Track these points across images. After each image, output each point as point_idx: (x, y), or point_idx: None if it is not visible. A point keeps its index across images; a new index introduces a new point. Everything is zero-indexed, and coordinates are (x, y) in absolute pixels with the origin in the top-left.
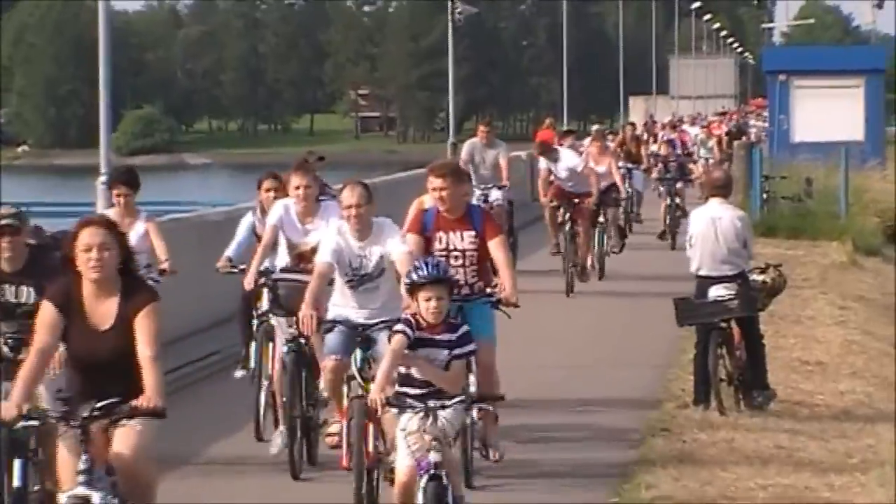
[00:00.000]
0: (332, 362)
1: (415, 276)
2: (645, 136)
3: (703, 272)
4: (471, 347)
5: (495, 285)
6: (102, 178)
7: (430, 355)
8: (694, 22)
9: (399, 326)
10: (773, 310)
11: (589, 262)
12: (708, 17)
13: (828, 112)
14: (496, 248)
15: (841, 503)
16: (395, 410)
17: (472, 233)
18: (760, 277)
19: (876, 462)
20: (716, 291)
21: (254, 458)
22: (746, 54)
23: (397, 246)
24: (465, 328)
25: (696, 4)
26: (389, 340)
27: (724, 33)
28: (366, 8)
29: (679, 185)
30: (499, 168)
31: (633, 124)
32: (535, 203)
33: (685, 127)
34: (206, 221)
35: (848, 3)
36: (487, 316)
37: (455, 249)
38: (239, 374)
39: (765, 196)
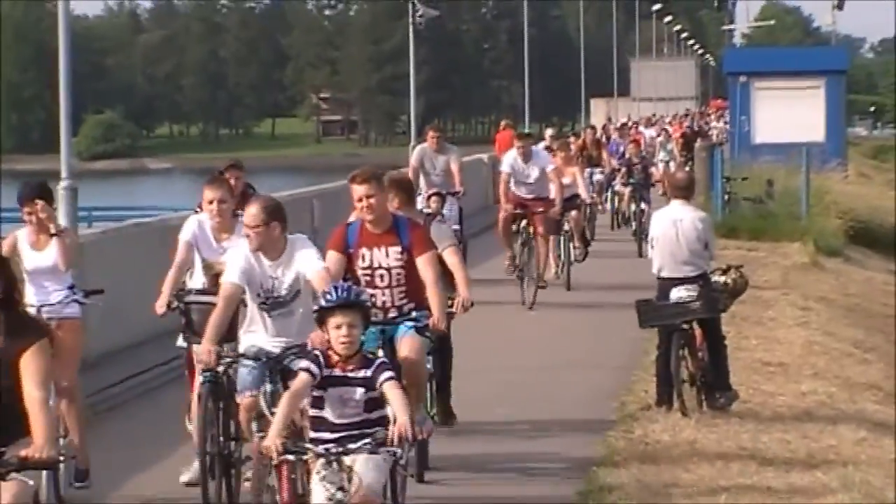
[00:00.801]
0: (248, 399)
1: (323, 301)
2: (604, 139)
3: (664, 274)
4: (391, 373)
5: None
6: (63, 184)
7: (344, 395)
8: (655, 24)
9: (303, 364)
10: (735, 311)
11: (553, 273)
12: (668, 19)
13: (789, 113)
14: (425, 266)
15: None
16: (292, 458)
17: (399, 248)
18: (722, 279)
19: (838, 462)
20: (677, 293)
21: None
22: (707, 56)
23: (312, 263)
24: (381, 359)
25: (657, 7)
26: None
27: (684, 35)
28: (326, 12)
29: (639, 192)
30: (451, 174)
31: (593, 127)
32: (493, 207)
33: (641, 129)
34: (167, 226)
35: (808, 5)
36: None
37: (380, 267)
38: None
39: (726, 197)
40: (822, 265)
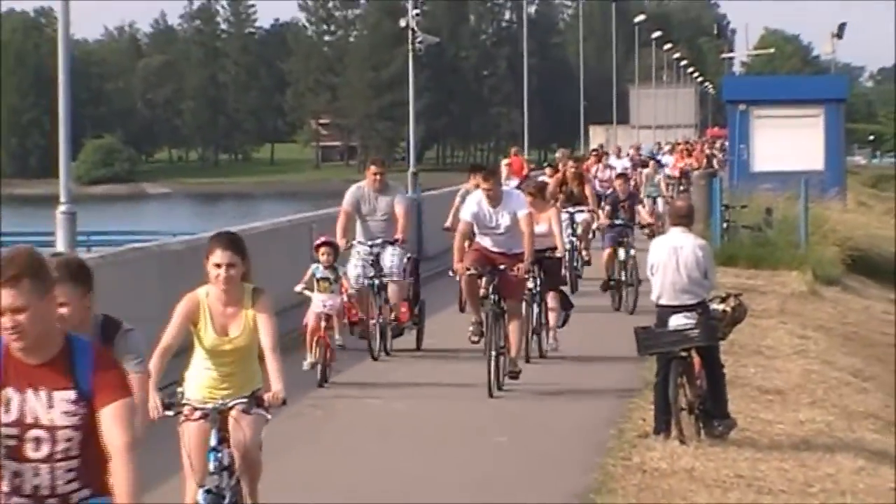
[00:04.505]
0: None
1: None
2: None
3: (663, 301)
4: None
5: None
6: (62, 208)
7: None
8: (654, 51)
9: None
10: (734, 339)
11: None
12: (668, 46)
13: (788, 141)
14: (112, 422)
15: None
16: None
17: (72, 393)
18: (721, 307)
19: (836, 491)
20: (676, 321)
21: None
22: (707, 84)
23: None
24: None
25: (657, 34)
26: None
27: (684, 63)
28: (326, 37)
29: (627, 236)
30: (395, 218)
31: (575, 158)
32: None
33: (611, 160)
34: (167, 251)
35: (807, 33)
36: None
37: (36, 424)
38: None
39: (725, 225)
40: (820, 294)
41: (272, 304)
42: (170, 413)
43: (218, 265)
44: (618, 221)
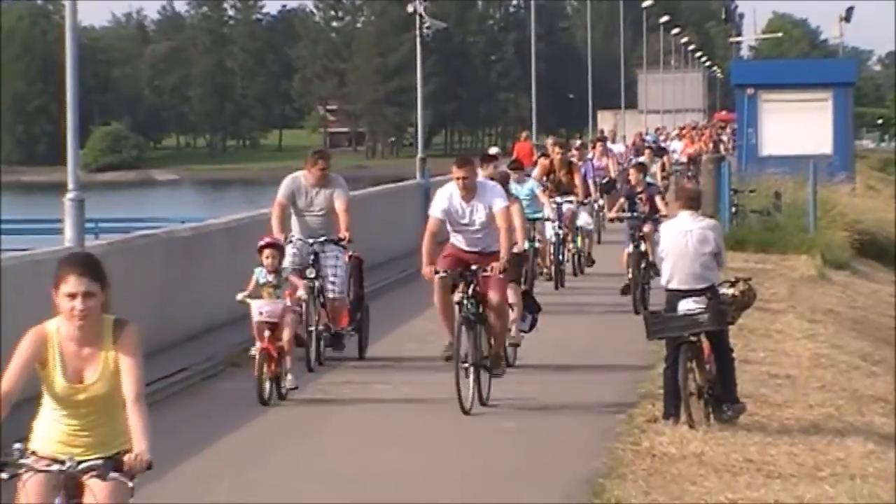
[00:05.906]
0: None
1: None
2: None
3: (672, 285)
4: None
5: None
6: (70, 196)
7: None
8: (662, 36)
9: None
10: (743, 323)
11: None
12: (676, 31)
13: (796, 125)
14: None
15: None
16: None
17: None
18: (730, 291)
19: (846, 475)
20: (685, 305)
21: None
22: (714, 68)
23: None
24: None
25: (665, 19)
26: None
27: (692, 47)
28: (334, 23)
29: (647, 227)
30: (334, 214)
31: (562, 144)
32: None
33: (609, 145)
34: (174, 238)
35: (815, 17)
36: None
37: None
38: None
39: (734, 210)
40: (829, 278)
41: (139, 340)
42: (4, 476)
43: (71, 295)
44: (634, 214)
